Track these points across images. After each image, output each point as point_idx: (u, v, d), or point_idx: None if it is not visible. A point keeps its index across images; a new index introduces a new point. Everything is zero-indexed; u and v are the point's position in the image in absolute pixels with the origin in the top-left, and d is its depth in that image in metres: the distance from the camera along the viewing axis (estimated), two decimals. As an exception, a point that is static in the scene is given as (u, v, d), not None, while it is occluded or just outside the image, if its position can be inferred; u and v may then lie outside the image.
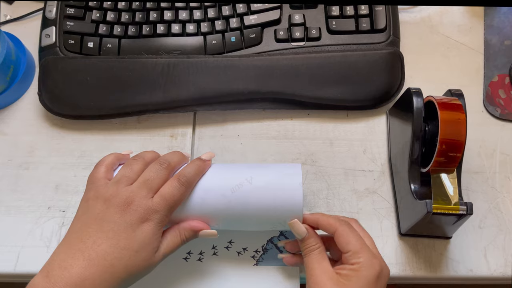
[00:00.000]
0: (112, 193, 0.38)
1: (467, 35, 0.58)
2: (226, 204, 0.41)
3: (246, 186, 0.41)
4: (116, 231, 0.37)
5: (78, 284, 0.34)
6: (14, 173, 0.51)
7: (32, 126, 0.54)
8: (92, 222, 0.38)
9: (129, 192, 0.38)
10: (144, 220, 0.38)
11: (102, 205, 0.38)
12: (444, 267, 0.46)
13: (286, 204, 0.41)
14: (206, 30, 0.54)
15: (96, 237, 0.37)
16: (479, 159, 0.51)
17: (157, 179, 0.40)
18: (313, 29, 0.54)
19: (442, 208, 0.40)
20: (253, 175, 0.42)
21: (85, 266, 0.35)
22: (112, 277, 0.36)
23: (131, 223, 0.37)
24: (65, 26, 0.55)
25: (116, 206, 0.38)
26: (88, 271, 0.35)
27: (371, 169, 0.51)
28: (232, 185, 0.41)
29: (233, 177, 0.42)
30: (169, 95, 0.51)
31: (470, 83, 0.55)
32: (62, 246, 0.37)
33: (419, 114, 0.44)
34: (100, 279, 0.35)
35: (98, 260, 0.36)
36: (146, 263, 0.38)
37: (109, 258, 0.36)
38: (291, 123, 0.54)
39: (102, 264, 0.36)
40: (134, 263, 0.37)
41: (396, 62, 0.53)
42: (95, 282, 0.35)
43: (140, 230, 0.37)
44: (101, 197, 0.39)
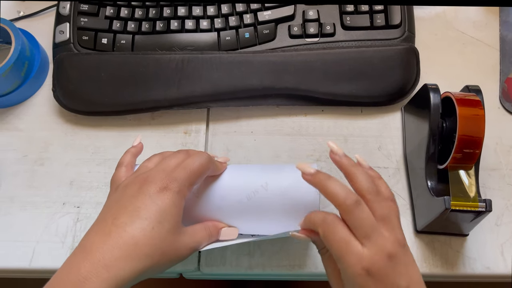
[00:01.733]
0: (131, 179, 0.38)
1: (483, 31, 0.57)
2: (241, 211, 0.41)
3: (261, 193, 0.41)
4: (134, 203, 0.35)
5: (97, 258, 0.32)
6: (29, 169, 0.51)
7: (46, 122, 0.54)
8: (113, 205, 0.36)
9: (149, 171, 0.38)
10: (163, 188, 0.35)
11: (122, 191, 0.37)
12: (461, 264, 0.46)
13: (302, 213, 0.40)
14: (220, 26, 0.54)
15: (117, 213, 0.35)
16: (495, 156, 0.51)
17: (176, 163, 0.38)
18: (327, 25, 0.54)
19: (460, 205, 0.40)
20: (268, 181, 0.41)
21: (105, 240, 0.33)
22: (135, 250, 0.33)
23: (149, 194, 0.35)
24: (79, 22, 0.55)
25: (134, 183, 0.37)
26: (108, 245, 0.32)
27: (386, 166, 0.51)
28: (247, 192, 0.41)
29: (249, 182, 0.41)
30: (183, 91, 0.51)
31: (486, 79, 0.55)
32: (88, 231, 0.36)
33: (436, 110, 0.44)
34: (121, 251, 0.32)
35: (118, 232, 0.33)
36: (172, 238, 0.35)
37: (129, 230, 0.33)
38: (305, 120, 0.54)
39: (122, 236, 0.33)
40: (158, 235, 0.34)
41: (411, 58, 0.52)
42: (115, 255, 0.32)
43: (159, 200, 0.35)
44: (121, 186, 0.38)
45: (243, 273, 0.46)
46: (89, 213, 0.49)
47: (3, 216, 0.49)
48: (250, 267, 0.46)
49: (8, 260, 0.47)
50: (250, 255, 0.47)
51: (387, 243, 0.34)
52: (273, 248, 0.47)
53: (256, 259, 0.47)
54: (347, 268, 0.33)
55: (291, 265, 0.46)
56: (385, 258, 0.33)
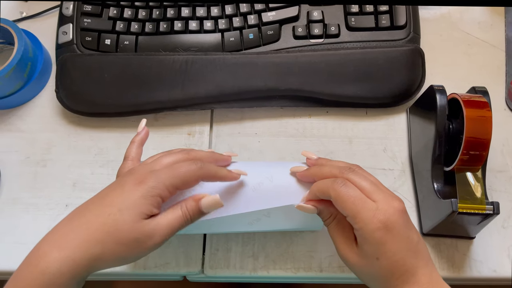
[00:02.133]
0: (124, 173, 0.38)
1: (488, 32, 0.57)
2: (247, 202, 0.40)
3: (266, 184, 0.41)
4: (107, 191, 0.35)
5: (53, 240, 0.33)
6: (32, 170, 0.51)
7: (49, 124, 0.54)
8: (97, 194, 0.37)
9: (136, 168, 0.37)
10: (139, 182, 0.34)
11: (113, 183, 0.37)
12: (467, 267, 0.45)
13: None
14: (223, 27, 0.54)
15: (91, 202, 0.35)
16: (502, 157, 0.50)
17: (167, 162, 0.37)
18: (332, 26, 0.53)
19: (467, 208, 0.40)
20: (274, 174, 0.41)
21: (65, 224, 0.34)
22: (87, 234, 0.33)
23: (123, 183, 0.35)
24: (82, 23, 0.54)
25: (121, 177, 0.37)
26: (64, 228, 0.34)
27: (391, 168, 0.50)
28: (253, 183, 0.41)
29: (254, 174, 0.41)
30: (187, 93, 0.51)
31: (492, 80, 0.54)
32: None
33: (443, 112, 0.44)
34: (74, 235, 0.33)
35: (79, 217, 0.34)
36: (130, 228, 0.33)
37: (88, 215, 0.34)
38: (309, 121, 0.53)
39: (78, 219, 0.34)
40: (114, 222, 0.33)
41: (417, 59, 0.52)
42: (68, 238, 0.33)
43: (129, 190, 0.34)
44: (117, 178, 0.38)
45: (248, 275, 0.46)
46: (92, 215, 0.49)
47: (6, 218, 0.49)
48: (254, 269, 0.46)
49: (11, 262, 0.47)
50: (254, 257, 0.46)
51: (394, 200, 0.35)
52: (277, 250, 0.47)
53: (260, 261, 0.46)
54: (365, 224, 0.34)
55: (296, 268, 0.46)
56: (397, 212, 0.35)
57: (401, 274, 0.35)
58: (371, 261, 0.35)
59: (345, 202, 0.35)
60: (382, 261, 0.34)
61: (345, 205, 0.35)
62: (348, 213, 0.35)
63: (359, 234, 0.35)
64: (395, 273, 0.35)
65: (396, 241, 0.34)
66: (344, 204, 0.35)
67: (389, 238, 0.34)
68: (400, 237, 0.34)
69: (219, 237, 0.47)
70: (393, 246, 0.34)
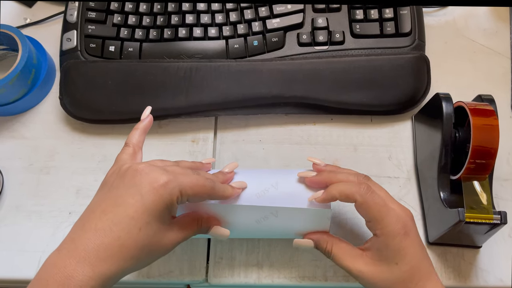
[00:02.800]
0: (130, 165, 0.36)
1: (493, 39, 0.57)
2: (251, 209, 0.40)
3: (271, 192, 0.40)
4: (124, 197, 0.33)
5: (83, 256, 0.31)
6: (35, 177, 0.51)
7: (52, 130, 0.53)
8: (103, 191, 0.35)
9: (150, 168, 0.35)
10: (158, 187, 0.34)
11: (119, 178, 0.35)
12: (474, 277, 0.45)
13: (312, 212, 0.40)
14: (228, 34, 0.54)
15: (106, 205, 0.33)
16: (508, 166, 0.50)
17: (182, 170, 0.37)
18: (336, 33, 0.53)
19: (475, 217, 0.39)
20: (279, 181, 0.41)
21: (90, 237, 0.32)
22: (121, 251, 0.32)
23: (141, 189, 0.33)
24: (86, 29, 0.54)
25: (130, 172, 0.35)
26: (93, 243, 0.32)
27: (396, 176, 0.50)
28: (257, 191, 0.40)
29: (259, 181, 0.41)
30: (191, 100, 0.51)
31: (497, 88, 0.54)
32: (78, 219, 0.35)
33: (449, 120, 0.43)
34: (107, 253, 0.32)
35: (105, 231, 0.32)
36: (159, 237, 0.34)
37: (115, 229, 0.32)
38: (314, 128, 0.53)
39: (108, 235, 0.32)
40: (146, 237, 0.33)
41: (422, 66, 0.52)
42: (101, 255, 0.31)
43: (150, 198, 0.33)
44: (117, 170, 0.36)
45: (252, 284, 0.46)
46: (96, 223, 0.48)
47: (9, 225, 0.49)
48: (259, 278, 0.46)
49: (14, 270, 0.47)
50: (258, 266, 0.46)
51: (406, 208, 0.38)
52: (282, 259, 0.46)
53: (265, 270, 0.46)
54: (389, 230, 0.36)
55: (300, 277, 0.46)
56: (411, 219, 0.38)
57: (419, 279, 0.36)
58: (390, 267, 0.36)
59: (372, 207, 0.37)
60: (401, 266, 0.36)
61: (371, 210, 0.37)
62: (373, 217, 0.37)
63: (381, 240, 0.37)
64: (414, 278, 0.36)
65: (413, 246, 0.37)
66: (370, 209, 0.37)
67: (408, 243, 0.36)
68: (416, 243, 0.37)
69: (223, 246, 0.47)
70: (411, 251, 0.36)
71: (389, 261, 0.36)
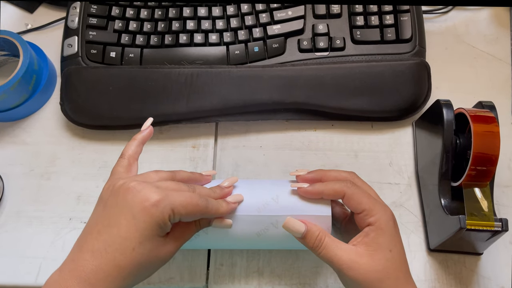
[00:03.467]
0: (124, 182, 0.36)
1: (494, 45, 0.57)
2: (251, 223, 0.40)
3: (272, 206, 0.40)
4: (116, 217, 0.34)
5: (83, 277, 0.32)
6: (35, 183, 0.51)
7: (53, 136, 0.53)
8: (99, 209, 0.36)
9: (143, 185, 0.35)
10: (150, 206, 0.34)
11: (112, 197, 0.36)
12: (475, 284, 0.45)
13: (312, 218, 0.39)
14: (229, 40, 0.54)
15: (101, 226, 0.34)
16: (509, 172, 0.50)
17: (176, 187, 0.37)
18: (337, 39, 0.53)
19: (476, 224, 0.39)
20: (279, 193, 0.41)
21: (88, 258, 0.33)
22: (118, 270, 0.33)
23: (134, 210, 0.34)
24: (88, 35, 0.54)
25: (122, 191, 0.35)
26: (91, 264, 0.33)
27: (397, 182, 0.50)
28: (258, 205, 0.40)
29: (260, 195, 0.41)
30: (192, 106, 0.51)
31: (498, 94, 0.54)
32: (78, 239, 0.36)
33: (449, 126, 0.43)
34: (105, 273, 0.33)
35: (100, 252, 0.33)
36: (154, 253, 0.35)
37: (110, 250, 0.33)
38: (314, 134, 0.53)
39: (104, 256, 0.33)
40: (140, 255, 0.34)
41: (422, 72, 0.52)
42: (99, 276, 0.33)
43: (142, 219, 0.34)
44: (111, 186, 0.36)
45: (253, 291, 0.46)
46: (96, 229, 0.48)
47: (9, 231, 0.49)
48: (259, 285, 0.46)
49: (14, 277, 0.47)
50: (259, 272, 0.46)
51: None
52: (283, 266, 0.46)
53: (265, 277, 0.46)
54: (381, 215, 0.37)
55: (301, 284, 0.46)
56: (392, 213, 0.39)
57: (406, 270, 0.37)
58: (385, 255, 0.36)
59: (361, 197, 0.38)
60: (394, 253, 0.36)
61: (362, 200, 0.38)
62: (365, 206, 0.37)
63: (376, 227, 0.37)
64: (403, 267, 0.37)
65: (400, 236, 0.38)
66: (361, 199, 0.38)
67: (398, 231, 0.38)
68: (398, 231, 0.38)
69: (223, 252, 0.47)
70: (400, 240, 0.38)
71: (384, 249, 0.36)
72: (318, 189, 0.39)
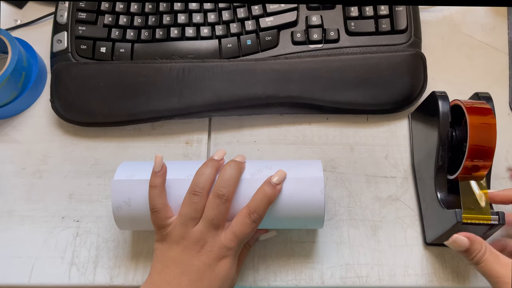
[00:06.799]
0: (183, 235, 0.39)
1: (491, 34, 0.56)
2: (245, 188, 0.41)
3: (265, 172, 0.41)
4: (197, 273, 0.38)
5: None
6: (27, 182, 0.50)
7: (44, 134, 0.53)
8: (171, 264, 0.39)
9: (199, 233, 0.39)
10: (221, 258, 0.39)
11: (177, 248, 0.39)
12: (473, 277, 0.44)
13: (307, 187, 0.40)
14: (221, 33, 0.53)
15: (180, 280, 0.38)
16: (507, 164, 0.49)
17: (221, 215, 0.39)
18: (331, 30, 0.52)
19: (472, 218, 0.39)
20: (273, 164, 0.42)
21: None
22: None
23: (209, 264, 0.39)
24: (77, 31, 0.53)
25: (191, 249, 0.39)
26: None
27: (393, 176, 0.49)
28: (252, 171, 0.42)
29: (254, 164, 0.42)
30: (184, 101, 0.50)
31: (495, 84, 0.53)
32: (150, 284, 0.39)
33: (445, 119, 0.43)
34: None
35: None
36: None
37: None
38: (309, 128, 0.52)
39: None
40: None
41: (418, 63, 0.51)
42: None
43: (219, 268, 0.39)
44: (173, 240, 0.40)
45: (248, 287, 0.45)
46: (89, 227, 0.48)
47: (1, 231, 0.48)
48: (255, 282, 0.45)
49: (7, 277, 0.46)
50: (254, 269, 0.46)
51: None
52: (278, 262, 0.46)
53: (261, 273, 0.45)
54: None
55: (297, 280, 0.45)
56: None
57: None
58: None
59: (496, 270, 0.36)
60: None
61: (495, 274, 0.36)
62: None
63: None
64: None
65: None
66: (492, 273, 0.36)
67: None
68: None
69: (218, 249, 0.46)
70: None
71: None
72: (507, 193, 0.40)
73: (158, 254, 0.40)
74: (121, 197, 0.41)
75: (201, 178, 0.40)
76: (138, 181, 0.41)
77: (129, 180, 0.41)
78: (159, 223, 0.40)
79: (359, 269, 0.45)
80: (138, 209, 0.41)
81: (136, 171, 0.42)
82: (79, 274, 0.46)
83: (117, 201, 0.41)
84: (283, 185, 0.41)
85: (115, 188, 0.41)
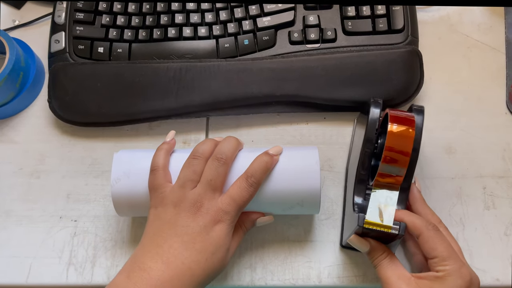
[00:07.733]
0: (180, 197, 0.39)
1: (488, 34, 0.56)
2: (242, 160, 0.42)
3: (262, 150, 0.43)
4: (190, 234, 0.38)
5: (158, 286, 0.35)
6: (25, 182, 0.50)
7: (42, 134, 0.53)
8: (165, 226, 0.38)
9: (196, 195, 0.39)
10: (216, 221, 0.38)
11: (172, 210, 0.39)
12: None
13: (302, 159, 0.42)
14: (218, 33, 0.53)
15: (172, 241, 0.37)
16: (503, 163, 0.49)
17: (219, 177, 0.40)
18: (328, 30, 0.52)
19: (374, 224, 0.38)
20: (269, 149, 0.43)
21: (163, 269, 0.36)
22: (191, 279, 0.37)
23: (204, 226, 0.38)
24: (75, 31, 0.53)
25: (187, 211, 0.38)
26: (167, 274, 0.36)
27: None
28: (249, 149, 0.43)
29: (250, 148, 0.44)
30: (181, 101, 0.50)
31: (492, 83, 0.53)
32: (140, 250, 0.38)
33: (373, 125, 0.43)
34: (179, 282, 0.36)
35: (176, 263, 0.37)
36: (221, 263, 0.39)
37: (186, 262, 0.37)
38: (306, 128, 0.52)
39: (180, 267, 0.37)
40: (211, 264, 0.38)
41: (414, 60, 0.51)
42: (174, 284, 0.36)
43: (214, 232, 0.38)
44: (169, 202, 0.39)
45: (245, 287, 0.45)
46: (87, 227, 0.48)
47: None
48: (252, 281, 0.45)
49: (4, 277, 0.46)
50: (251, 268, 0.46)
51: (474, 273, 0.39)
52: (275, 261, 0.46)
53: (258, 273, 0.45)
54: (453, 271, 0.36)
55: (294, 279, 0.45)
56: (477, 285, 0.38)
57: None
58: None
59: (437, 244, 0.37)
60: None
61: (437, 246, 0.37)
62: (438, 254, 0.37)
63: (441, 277, 0.36)
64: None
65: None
66: (436, 245, 0.37)
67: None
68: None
69: (215, 248, 0.46)
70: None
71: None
72: (400, 216, 0.39)
73: (152, 218, 0.40)
74: (121, 168, 0.42)
75: (201, 146, 0.42)
76: (141, 154, 0.43)
77: (132, 151, 0.44)
78: (156, 183, 0.40)
79: (356, 268, 0.45)
80: (136, 183, 0.42)
81: (138, 152, 0.44)
82: (76, 274, 0.46)
83: (117, 172, 0.42)
84: (280, 158, 0.42)
85: (117, 159, 0.43)
